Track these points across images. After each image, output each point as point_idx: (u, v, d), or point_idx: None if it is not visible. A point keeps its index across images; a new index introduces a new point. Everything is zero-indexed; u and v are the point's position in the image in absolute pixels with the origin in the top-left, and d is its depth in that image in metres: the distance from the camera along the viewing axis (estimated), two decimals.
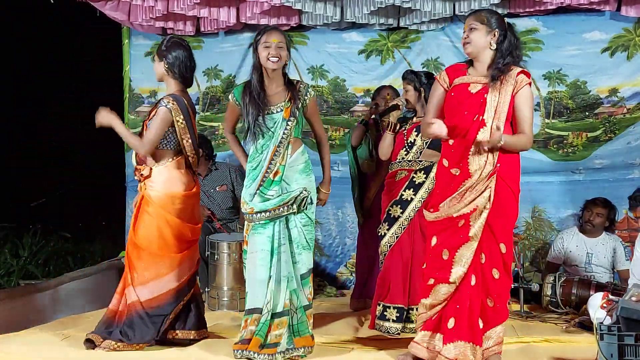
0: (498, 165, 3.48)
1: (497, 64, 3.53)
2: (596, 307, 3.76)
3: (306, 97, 3.88)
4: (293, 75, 6.06)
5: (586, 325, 4.39)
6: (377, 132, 5.08)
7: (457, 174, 3.52)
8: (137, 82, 6.36)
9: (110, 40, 6.46)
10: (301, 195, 3.81)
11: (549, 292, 5.03)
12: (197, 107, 6.27)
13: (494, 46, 3.55)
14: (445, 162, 3.60)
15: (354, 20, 5.76)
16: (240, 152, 4.03)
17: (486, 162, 3.48)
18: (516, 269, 5.18)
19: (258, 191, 3.81)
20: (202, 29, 6.06)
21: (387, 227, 4.48)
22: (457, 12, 5.59)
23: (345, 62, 6.12)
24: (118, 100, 6.37)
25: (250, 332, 3.77)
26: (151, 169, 3.98)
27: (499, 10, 5.66)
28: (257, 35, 3.86)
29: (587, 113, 5.79)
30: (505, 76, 3.53)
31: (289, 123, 3.81)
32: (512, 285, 5.06)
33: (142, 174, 4.00)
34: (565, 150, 5.82)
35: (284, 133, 3.81)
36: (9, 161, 7.46)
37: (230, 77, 6.24)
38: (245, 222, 3.90)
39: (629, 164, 5.71)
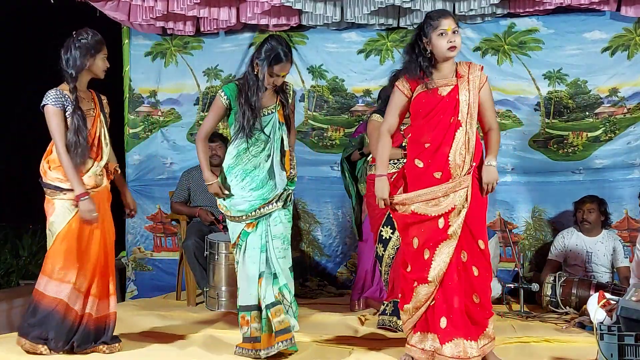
0: (474, 164, 3.53)
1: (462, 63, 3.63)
2: (596, 307, 3.76)
3: (288, 97, 3.97)
4: (293, 75, 6.11)
5: (586, 325, 4.40)
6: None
7: (440, 177, 3.53)
8: (137, 82, 6.36)
9: (110, 40, 6.45)
10: (285, 192, 3.89)
11: (549, 292, 5.03)
12: (196, 107, 6.30)
13: None
14: (420, 163, 3.57)
15: (353, 21, 5.75)
16: (206, 162, 3.96)
17: (464, 161, 3.52)
18: (516, 269, 5.18)
19: (258, 192, 3.83)
20: (202, 29, 6.06)
21: (383, 249, 4.53)
22: (457, 12, 5.58)
23: (344, 62, 6.12)
24: (118, 100, 6.37)
25: (254, 330, 3.80)
26: None
27: (499, 11, 5.67)
28: (269, 51, 3.80)
29: (587, 113, 5.79)
30: (469, 74, 3.56)
31: (286, 126, 3.93)
32: (512, 285, 5.12)
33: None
34: (565, 150, 5.82)
35: (282, 136, 3.89)
36: (9, 161, 7.47)
37: (230, 77, 6.23)
38: (231, 222, 3.92)
39: (629, 164, 5.70)
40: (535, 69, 5.83)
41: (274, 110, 3.88)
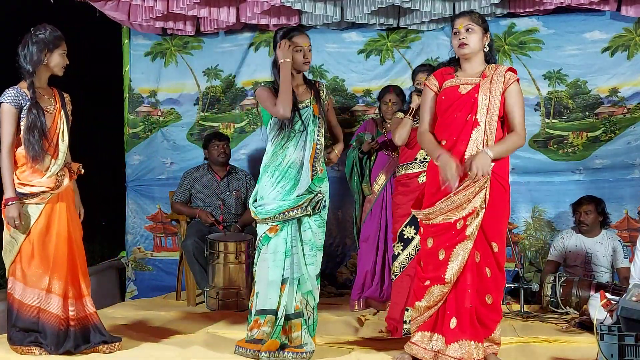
0: (492, 164, 3.46)
1: (489, 63, 3.61)
2: (596, 307, 3.76)
3: (325, 96, 3.96)
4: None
5: (586, 325, 4.40)
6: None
7: None
8: (137, 82, 6.35)
9: (110, 40, 6.46)
10: (316, 197, 3.81)
11: (549, 292, 5.03)
12: (196, 107, 6.29)
13: (487, 48, 3.60)
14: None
15: (353, 20, 5.75)
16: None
17: None
18: (516, 269, 5.18)
19: (290, 194, 3.78)
20: (202, 29, 6.06)
21: (401, 248, 4.44)
22: (457, 12, 5.57)
23: (344, 62, 6.12)
24: (118, 100, 6.37)
25: (263, 333, 3.76)
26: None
27: (499, 11, 5.67)
28: (284, 36, 3.84)
29: (587, 113, 5.79)
30: (494, 74, 3.54)
31: (320, 121, 3.88)
32: (512, 285, 5.12)
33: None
34: (565, 150, 5.82)
35: (318, 131, 3.86)
36: None
37: (230, 77, 6.23)
38: (259, 224, 3.85)
39: (629, 164, 5.70)
40: (535, 69, 5.83)
41: (309, 104, 3.86)
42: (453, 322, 3.50)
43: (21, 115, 3.76)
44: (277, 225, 3.78)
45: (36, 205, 3.77)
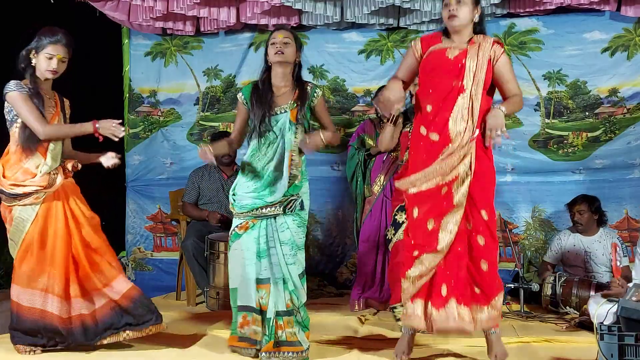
0: (477, 130, 3.46)
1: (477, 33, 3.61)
2: (596, 307, 3.76)
3: (313, 98, 3.83)
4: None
5: (586, 325, 4.40)
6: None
7: (437, 139, 3.48)
8: (137, 82, 6.36)
9: (110, 40, 6.46)
10: (290, 198, 3.77)
11: (549, 292, 5.03)
12: (196, 107, 6.29)
13: (477, 19, 3.58)
14: (423, 130, 3.54)
15: (353, 20, 5.76)
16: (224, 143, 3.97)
17: (466, 127, 3.46)
18: (516, 269, 5.18)
19: (261, 193, 3.78)
20: (202, 29, 6.06)
21: (393, 232, 4.51)
22: None
23: (345, 62, 6.12)
24: (118, 100, 6.37)
25: (254, 332, 3.77)
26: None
27: (499, 11, 5.68)
28: (268, 36, 3.88)
29: (587, 113, 5.79)
30: (482, 42, 3.54)
31: (298, 127, 3.78)
32: (512, 285, 5.12)
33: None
34: (565, 150, 5.82)
35: (296, 138, 3.77)
36: None
37: (230, 77, 6.24)
38: (234, 218, 3.87)
39: (629, 164, 5.71)
40: (535, 70, 5.84)
41: (286, 110, 3.78)
42: (444, 290, 3.47)
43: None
44: (247, 222, 3.78)
45: (31, 207, 3.75)
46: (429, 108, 3.53)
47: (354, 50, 6.10)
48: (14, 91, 3.71)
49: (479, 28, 3.61)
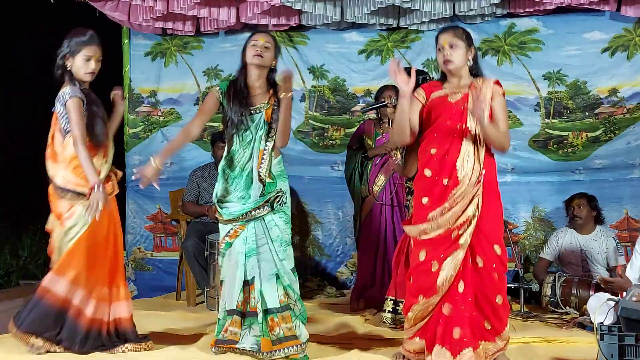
0: (484, 171, 3.51)
1: (474, 76, 3.64)
2: (596, 307, 3.76)
3: (280, 96, 3.85)
4: (294, 75, 6.09)
5: (586, 325, 4.40)
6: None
7: (446, 183, 3.51)
8: (137, 82, 6.36)
9: (110, 40, 6.45)
10: (275, 194, 3.81)
11: (548, 292, 5.03)
12: (197, 107, 6.29)
13: (471, 62, 3.62)
14: (428, 172, 3.57)
15: (354, 20, 5.76)
16: (171, 147, 3.97)
17: (473, 169, 3.50)
18: (516, 269, 5.19)
19: (241, 195, 3.80)
20: (202, 29, 6.06)
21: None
22: (457, 12, 5.59)
23: (345, 62, 6.12)
24: None
25: (231, 333, 3.77)
26: None
27: (499, 11, 5.68)
28: (248, 37, 3.91)
29: (587, 113, 5.79)
30: (482, 85, 3.58)
31: (272, 126, 3.81)
32: (512, 285, 5.12)
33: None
34: (565, 150, 5.82)
35: (267, 137, 3.80)
36: (9, 161, 7.46)
37: (230, 77, 6.22)
38: (222, 224, 3.86)
39: (629, 164, 5.71)
40: (535, 70, 5.84)
41: (261, 110, 3.82)
42: (456, 333, 3.47)
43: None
44: (236, 231, 3.79)
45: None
46: (433, 151, 3.57)
47: (354, 50, 6.10)
48: (74, 97, 3.69)
49: (475, 68, 3.64)
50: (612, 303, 3.60)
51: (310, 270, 6.09)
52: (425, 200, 3.57)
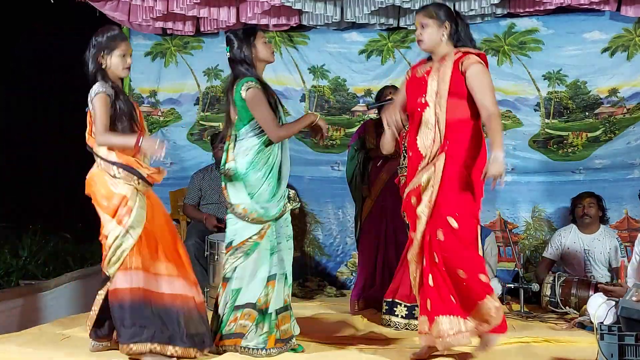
0: (448, 142, 3.49)
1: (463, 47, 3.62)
2: (596, 307, 3.77)
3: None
4: (294, 75, 6.12)
5: (586, 325, 4.40)
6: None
7: (412, 155, 3.62)
8: (137, 82, 6.36)
9: None
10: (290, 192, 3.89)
11: (548, 292, 5.03)
12: (197, 107, 6.30)
13: (446, 38, 3.59)
14: (408, 152, 3.71)
15: (354, 20, 5.76)
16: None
17: (433, 141, 3.52)
18: (516, 269, 5.19)
19: (282, 194, 3.82)
20: (202, 29, 6.06)
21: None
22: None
23: (345, 62, 6.12)
24: None
25: (240, 326, 3.73)
26: None
27: (499, 11, 5.68)
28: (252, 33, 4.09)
29: (587, 113, 5.79)
30: (447, 57, 3.56)
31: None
32: (512, 285, 5.13)
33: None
34: (565, 150, 5.82)
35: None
36: (9, 161, 7.47)
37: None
38: (244, 223, 3.78)
39: (629, 164, 5.71)
40: (535, 70, 5.84)
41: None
42: (428, 303, 3.54)
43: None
44: (265, 231, 3.75)
45: (142, 197, 3.71)
46: (407, 127, 3.72)
47: (354, 50, 6.10)
48: (101, 93, 3.65)
49: (456, 39, 3.60)
50: (612, 303, 3.60)
51: (310, 270, 6.09)
52: (403, 180, 3.74)
